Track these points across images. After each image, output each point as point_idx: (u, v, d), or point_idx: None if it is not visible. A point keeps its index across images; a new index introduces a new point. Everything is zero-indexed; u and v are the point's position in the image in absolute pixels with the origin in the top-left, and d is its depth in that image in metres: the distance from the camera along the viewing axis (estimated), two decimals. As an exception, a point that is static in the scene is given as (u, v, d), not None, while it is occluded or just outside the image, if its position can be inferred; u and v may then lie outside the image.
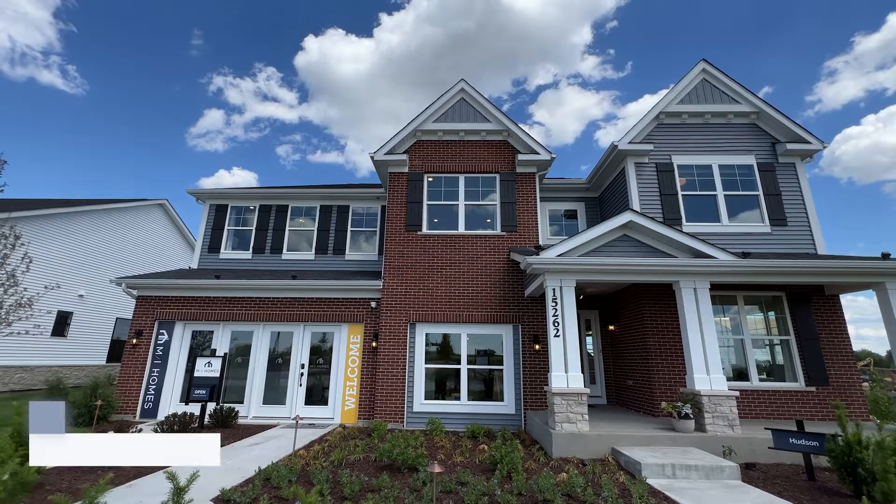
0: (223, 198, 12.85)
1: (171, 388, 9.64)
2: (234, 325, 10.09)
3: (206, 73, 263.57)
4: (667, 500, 4.58)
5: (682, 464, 5.43)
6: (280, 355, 10.01)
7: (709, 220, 9.36)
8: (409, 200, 10.33)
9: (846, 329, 8.48)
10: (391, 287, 9.71)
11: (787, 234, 9.21)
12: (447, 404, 9.05)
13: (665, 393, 7.91)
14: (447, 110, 10.85)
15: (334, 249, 12.13)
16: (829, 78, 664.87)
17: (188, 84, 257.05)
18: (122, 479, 5.04)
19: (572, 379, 6.91)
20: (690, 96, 10.12)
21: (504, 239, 9.92)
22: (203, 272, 11.23)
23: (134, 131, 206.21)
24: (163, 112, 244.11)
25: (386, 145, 10.49)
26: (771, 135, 9.91)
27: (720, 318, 8.72)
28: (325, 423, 9.10)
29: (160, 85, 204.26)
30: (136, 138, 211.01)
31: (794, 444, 5.59)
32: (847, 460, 4.79)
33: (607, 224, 7.78)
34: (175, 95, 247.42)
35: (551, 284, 7.40)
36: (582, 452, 6.39)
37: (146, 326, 9.93)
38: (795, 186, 9.53)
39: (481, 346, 9.55)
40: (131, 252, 18.30)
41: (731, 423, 6.56)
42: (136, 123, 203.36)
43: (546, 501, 4.44)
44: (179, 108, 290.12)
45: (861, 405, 8.01)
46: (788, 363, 8.44)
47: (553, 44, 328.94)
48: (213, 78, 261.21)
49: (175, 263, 20.09)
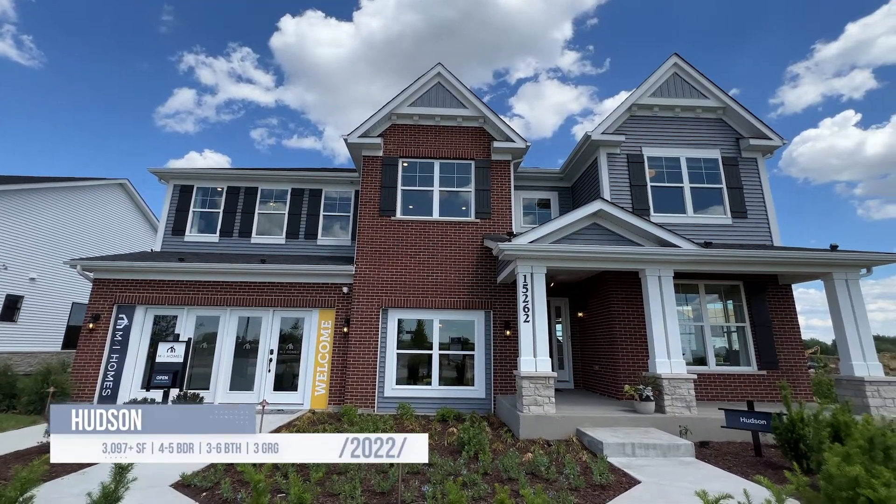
0: (189, 178, 12.31)
1: (131, 374, 9.28)
2: (200, 309, 9.77)
3: (177, 51, 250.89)
4: (625, 477, 4.78)
5: (642, 443, 5.67)
6: (248, 341, 9.78)
7: (675, 212, 9.66)
8: (384, 185, 10.19)
9: (796, 317, 8.99)
10: (364, 272, 9.61)
11: (747, 226, 9.63)
12: (418, 389, 9.11)
13: (629, 377, 8.21)
14: (423, 94, 10.69)
15: (306, 234, 11.87)
16: (791, 82, 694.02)
17: (157, 62, 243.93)
18: (77, 466, 4.85)
19: (540, 363, 7.07)
20: (662, 89, 10.33)
21: (478, 226, 9.95)
22: (166, 255, 10.78)
23: (97, 109, 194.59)
24: (129, 90, 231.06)
25: (360, 128, 10.27)
26: (736, 130, 10.27)
27: (682, 307, 9.07)
28: (295, 409, 9.00)
29: (126, 61, 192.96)
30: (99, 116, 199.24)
31: (745, 422, 5.92)
32: (790, 436, 5.12)
33: (578, 212, 7.91)
34: (142, 73, 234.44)
35: (522, 271, 7.49)
36: (548, 434, 6.57)
37: (104, 311, 9.48)
38: (756, 181, 9.94)
39: (453, 331, 9.62)
40: (89, 234, 17.34)
41: (689, 404, 6.89)
42: (99, 101, 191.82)
43: (511, 480, 4.56)
44: (147, 86, 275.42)
45: (806, 388, 8.57)
46: (743, 349, 8.91)
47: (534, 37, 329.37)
48: (183, 56, 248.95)
49: (137, 247, 19.18)
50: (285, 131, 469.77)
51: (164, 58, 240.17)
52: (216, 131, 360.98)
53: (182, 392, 8.34)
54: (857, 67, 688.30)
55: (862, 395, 7.03)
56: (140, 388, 9.13)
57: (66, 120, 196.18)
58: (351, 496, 3.84)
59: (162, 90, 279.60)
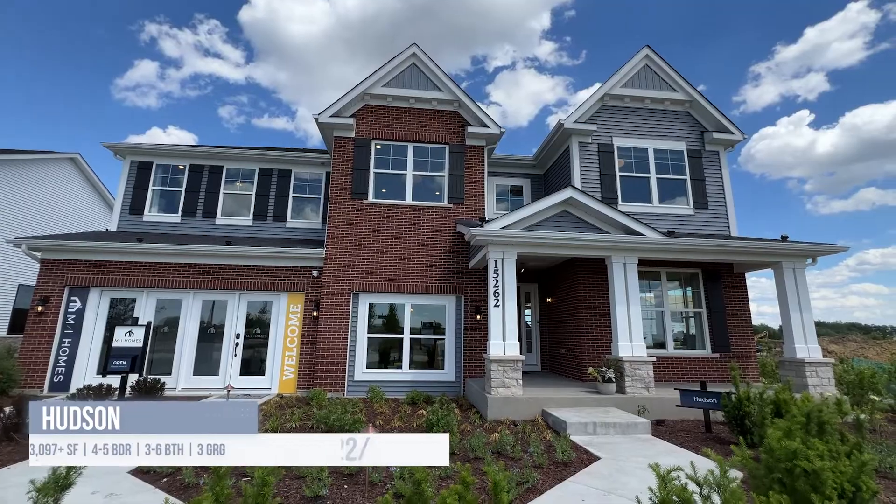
0: (147, 154, 11.66)
1: (85, 359, 8.85)
2: (161, 292, 9.37)
3: (137, 20, 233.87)
4: (586, 454, 5.00)
5: (602, 422, 5.93)
6: (214, 325, 9.49)
7: (642, 201, 9.97)
8: (356, 167, 9.98)
9: (748, 304, 9.56)
10: (334, 256, 9.46)
11: (708, 217, 10.07)
12: (389, 373, 9.15)
13: (593, 360, 8.52)
14: (398, 75, 10.46)
15: (275, 216, 11.53)
16: (753, 81, 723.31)
17: (114, 30, 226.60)
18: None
19: (509, 346, 7.22)
20: (633, 80, 10.53)
21: (451, 211, 9.95)
22: (123, 235, 10.24)
23: (45, 77, 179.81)
24: (83, 58, 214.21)
25: (332, 107, 9.96)
26: (701, 123, 10.63)
27: (645, 294, 9.45)
28: (262, 394, 8.86)
29: (79, 26, 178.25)
30: (47, 85, 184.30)
31: (697, 401, 6.30)
32: (737, 413, 5.49)
33: (549, 199, 8.03)
34: (98, 40, 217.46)
35: (494, 256, 7.57)
36: (515, 414, 6.77)
37: (54, 293, 8.93)
38: (717, 174, 10.38)
39: (425, 316, 9.67)
40: (36, 212, 16.17)
41: (647, 385, 7.24)
42: (48, 68, 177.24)
43: (477, 459, 4.68)
44: (103, 55, 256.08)
45: (754, 369, 9.17)
46: (699, 333, 9.41)
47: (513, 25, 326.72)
48: (145, 25, 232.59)
49: (93, 226, 18.08)
50: (255, 110, 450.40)
51: (123, 26, 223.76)
52: (181, 107, 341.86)
53: (141, 377, 8.05)
54: (812, 70, 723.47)
55: (802, 375, 7.60)
56: (96, 374, 8.72)
57: (7, 86, 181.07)
58: (318, 478, 3.84)
59: (121, 60, 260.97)
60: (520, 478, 4.03)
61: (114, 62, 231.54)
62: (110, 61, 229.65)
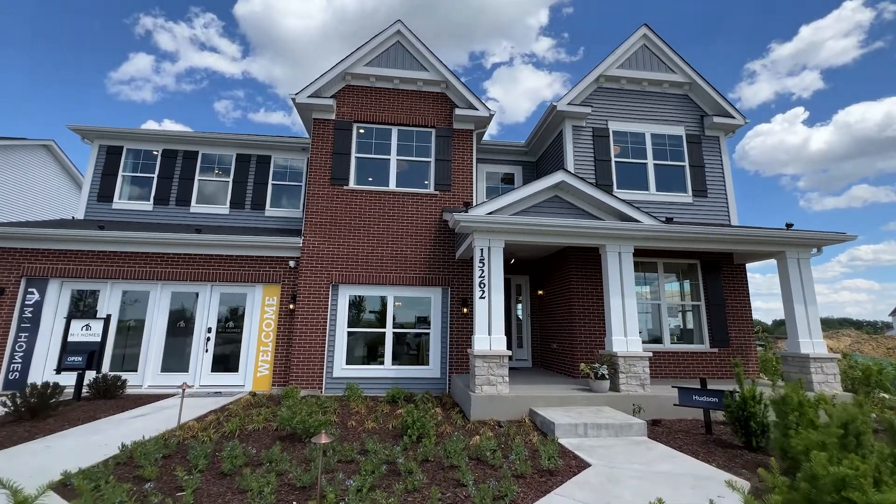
0: (117, 138, 10.98)
1: (44, 354, 8.25)
2: (126, 283, 8.77)
3: (133, 13, 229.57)
4: (575, 460, 4.50)
5: (594, 423, 5.44)
6: (183, 318, 8.91)
7: (638, 188, 9.44)
8: (336, 151, 9.38)
9: (749, 296, 9.08)
10: (312, 245, 8.88)
11: (707, 205, 9.57)
12: (370, 369, 8.62)
13: (586, 355, 8.03)
14: (381, 53, 9.83)
15: (253, 204, 10.92)
16: (748, 79, 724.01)
17: (109, 23, 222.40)
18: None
19: (495, 342, 6.71)
20: (630, 61, 9.96)
21: (437, 199, 9.38)
22: (84, 222, 9.62)
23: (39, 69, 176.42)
24: (78, 50, 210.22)
25: (311, 86, 9.34)
26: (700, 107, 10.09)
27: (641, 288, 8.95)
28: (235, 391, 8.32)
29: (74, 18, 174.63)
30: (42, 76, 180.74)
31: (697, 400, 5.81)
32: (741, 414, 5.00)
33: (539, 183, 7.49)
34: (93, 32, 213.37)
35: (479, 244, 7.04)
36: (500, 414, 6.27)
37: (9, 284, 8.31)
38: (717, 160, 9.86)
39: (409, 308, 9.13)
40: (6, 200, 15.45)
41: (643, 382, 6.76)
42: (43, 59, 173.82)
43: (453, 467, 4.17)
44: (98, 47, 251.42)
45: (754, 365, 8.72)
46: (697, 327, 8.93)
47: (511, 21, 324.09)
48: (140, 18, 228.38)
49: (66, 215, 17.38)
50: (252, 104, 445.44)
51: (117, 19, 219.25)
52: (177, 101, 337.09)
53: (100, 374, 7.48)
54: (807, 68, 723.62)
55: (807, 371, 7.14)
56: (54, 371, 8.13)
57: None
58: (259, 493, 3.29)
59: (116, 53, 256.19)
60: (497, 491, 3.52)
61: (109, 56, 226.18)
62: (105, 55, 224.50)
